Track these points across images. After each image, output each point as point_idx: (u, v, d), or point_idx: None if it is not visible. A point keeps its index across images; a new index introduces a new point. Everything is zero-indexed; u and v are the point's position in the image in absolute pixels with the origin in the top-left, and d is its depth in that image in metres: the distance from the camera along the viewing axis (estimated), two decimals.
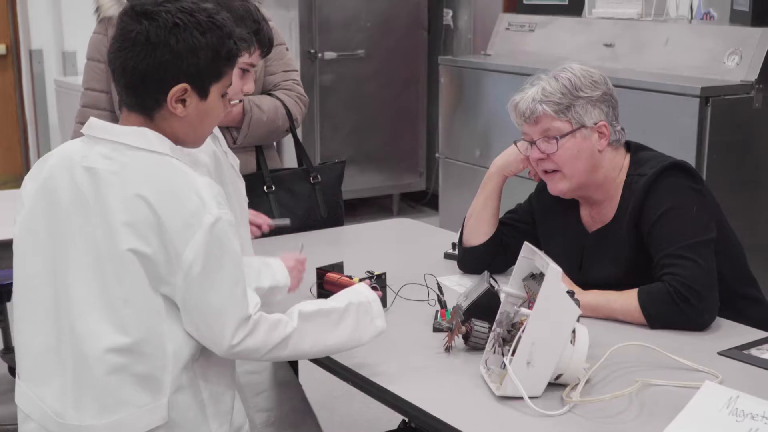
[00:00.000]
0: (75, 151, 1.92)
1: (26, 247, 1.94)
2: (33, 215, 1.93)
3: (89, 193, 1.86)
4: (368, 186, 7.00)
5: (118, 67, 1.89)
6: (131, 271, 1.82)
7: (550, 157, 2.52)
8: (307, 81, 6.42)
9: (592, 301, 2.42)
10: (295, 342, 1.95)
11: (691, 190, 2.48)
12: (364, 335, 2.08)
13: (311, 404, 2.83)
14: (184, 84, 1.88)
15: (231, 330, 1.85)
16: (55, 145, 6.79)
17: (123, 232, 1.81)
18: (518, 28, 5.58)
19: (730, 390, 1.91)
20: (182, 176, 1.86)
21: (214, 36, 1.90)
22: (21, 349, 1.96)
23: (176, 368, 1.86)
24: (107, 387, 1.84)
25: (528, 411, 1.94)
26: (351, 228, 3.50)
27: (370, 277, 2.50)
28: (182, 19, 1.86)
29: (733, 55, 4.32)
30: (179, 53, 1.86)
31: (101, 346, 1.83)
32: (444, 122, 5.83)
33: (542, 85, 2.51)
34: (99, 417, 1.85)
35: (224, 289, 1.84)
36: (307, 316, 1.98)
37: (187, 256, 1.80)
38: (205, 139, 2.03)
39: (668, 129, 4.15)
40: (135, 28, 1.86)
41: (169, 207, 1.81)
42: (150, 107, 1.90)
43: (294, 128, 3.39)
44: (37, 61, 6.77)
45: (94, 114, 3.32)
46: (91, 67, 3.34)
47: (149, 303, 1.84)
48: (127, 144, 1.88)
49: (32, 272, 1.92)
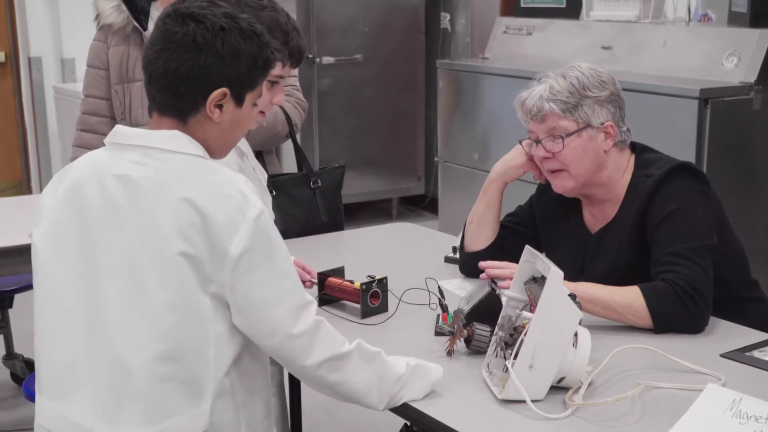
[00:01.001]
0: (102, 160, 1.90)
1: (51, 258, 1.90)
2: (58, 227, 1.90)
3: (122, 201, 1.83)
4: (367, 190, 7.00)
5: (158, 68, 1.87)
6: (180, 275, 1.79)
7: (556, 156, 2.52)
8: (306, 86, 6.43)
9: (590, 289, 2.36)
10: (353, 367, 1.93)
11: (698, 193, 2.48)
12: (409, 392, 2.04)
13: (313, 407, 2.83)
14: (225, 88, 1.88)
15: (286, 318, 1.83)
16: (54, 151, 6.80)
17: (170, 237, 1.78)
18: (516, 32, 5.59)
19: (734, 392, 1.91)
20: (220, 174, 1.85)
21: (254, 44, 1.90)
22: (44, 363, 1.92)
23: (218, 373, 1.84)
24: (152, 396, 1.81)
25: (530, 414, 1.94)
26: (351, 232, 3.50)
27: (371, 281, 2.50)
28: (227, 23, 1.86)
29: (732, 57, 4.33)
30: (223, 57, 1.86)
31: (145, 356, 1.80)
32: (442, 126, 5.84)
33: (550, 83, 2.51)
34: (143, 427, 1.81)
35: (275, 280, 1.83)
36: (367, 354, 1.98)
37: (234, 250, 1.78)
38: (231, 149, 2.02)
39: (667, 131, 4.15)
40: (180, 29, 1.85)
41: (213, 205, 1.79)
42: (186, 111, 1.89)
43: (293, 133, 3.40)
44: (36, 68, 6.77)
45: (94, 121, 3.34)
46: (92, 74, 3.35)
47: (197, 306, 1.80)
48: (159, 148, 1.86)
49: (58, 284, 1.88)
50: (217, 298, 1.82)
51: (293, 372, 1.98)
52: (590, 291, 2.35)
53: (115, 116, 3.29)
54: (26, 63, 6.78)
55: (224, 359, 1.84)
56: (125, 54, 3.28)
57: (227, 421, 1.87)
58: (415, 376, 2.03)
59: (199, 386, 1.82)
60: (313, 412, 3.99)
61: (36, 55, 6.77)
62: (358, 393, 1.96)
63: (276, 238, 1.85)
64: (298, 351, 1.87)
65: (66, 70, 6.75)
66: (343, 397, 1.97)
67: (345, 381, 1.93)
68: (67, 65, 6.74)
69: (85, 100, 3.36)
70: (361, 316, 2.48)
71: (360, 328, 2.40)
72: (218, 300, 1.82)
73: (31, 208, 4.05)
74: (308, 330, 1.87)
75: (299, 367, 1.90)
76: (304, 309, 1.87)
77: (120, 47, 3.27)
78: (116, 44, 3.28)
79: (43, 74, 6.79)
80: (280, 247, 1.85)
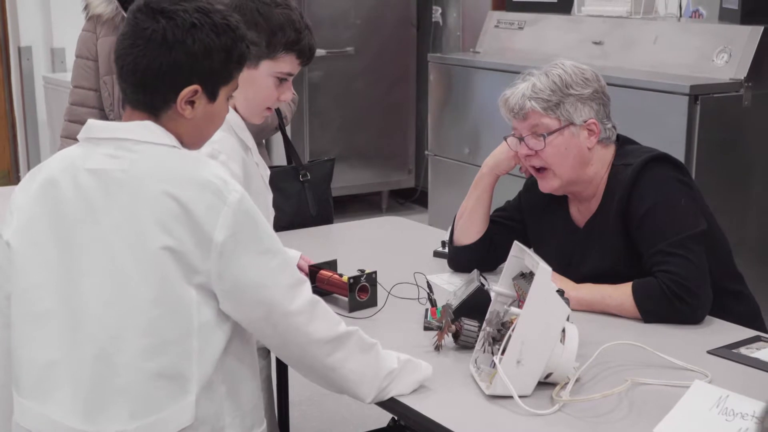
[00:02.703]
0: (75, 156, 1.87)
1: (27, 259, 1.87)
2: (32, 226, 1.87)
3: (97, 196, 1.81)
4: (357, 183, 6.99)
5: (128, 64, 1.85)
6: (162, 269, 1.77)
7: (538, 154, 2.53)
8: (296, 78, 6.37)
9: (587, 296, 2.44)
10: (350, 351, 1.93)
11: (678, 182, 2.49)
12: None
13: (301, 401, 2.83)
14: (196, 85, 1.85)
15: (282, 296, 1.83)
16: (44, 141, 6.77)
17: (151, 231, 1.77)
18: (507, 26, 5.59)
19: (720, 389, 1.92)
20: (196, 162, 1.84)
21: (228, 38, 1.87)
22: (23, 364, 1.89)
23: (204, 366, 1.82)
24: (138, 391, 1.79)
25: (518, 410, 1.94)
26: (340, 226, 3.50)
27: (360, 275, 2.50)
28: (199, 19, 1.83)
29: (723, 53, 4.33)
30: (194, 54, 1.83)
31: (129, 352, 1.78)
32: (433, 120, 5.83)
33: (533, 81, 2.51)
34: (128, 422, 1.80)
35: (264, 260, 1.82)
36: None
37: (218, 236, 1.77)
38: (206, 141, 1.99)
39: (657, 127, 4.16)
40: (150, 25, 1.82)
41: (192, 195, 1.77)
42: (158, 107, 1.87)
43: (283, 126, 3.39)
44: (25, 57, 6.75)
45: (82, 112, 3.33)
46: (80, 64, 3.34)
47: (181, 299, 1.79)
48: (132, 139, 1.84)
49: (36, 284, 1.85)
50: (202, 289, 1.80)
51: (291, 355, 1.95)
52: (587, 298, 2.43)
53: (104, 107, 3.29)
54: (16, 52, 6.76)
55: (210, 352, 1.83)
56: (114, 45, 3.26)
57: (212, 414, 1.86)
58: (405, 372, 2.03)
59: (184, 379, 1.81)
60: (301, 405, 3.99)
61: (26, 44, 6.74)
62: (350, 382, 1.96)
63: (260, 220, 1.83)
64: (299, 328, 1.87)
65: (56, 60, 6.73)
66: (334, 385, 1.97)
67: (339, 367, 1.93)
68: (57, 55, 6.72)
69: (74, 91, 3.35)
70: (349, 309, 2.48)
71: (349, 322, 2.38)
72: (204, 291, 1.81)
73: None
74: (305, 307, 1.87)
75: (299, 345, 1.89)
76: (298, 286, 1.86)
77: (109, 38, 3.26)
78: (105, 35, 3.27)
79: (32, 64, 6.76)
80: (264, 228, 1.84)
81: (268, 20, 2.33)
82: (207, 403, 1.85)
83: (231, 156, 2.31)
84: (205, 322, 1.82)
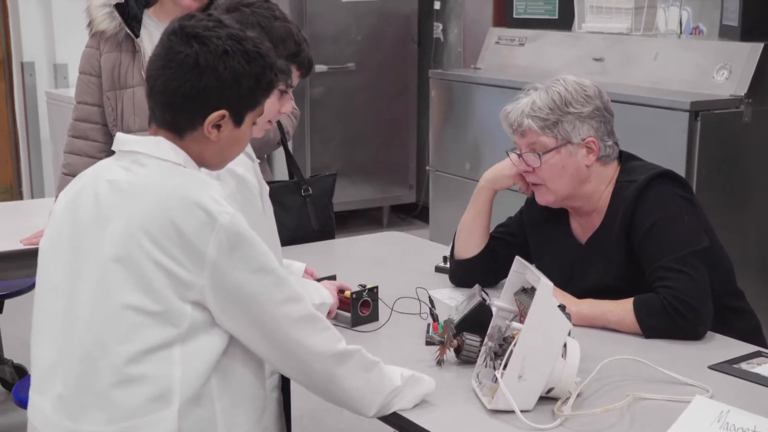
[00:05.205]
0: (103, 166, 1.95)
1: (49, 260, 1.95)
2: (58, 229, 1.94)
3: (106, 204, 1.87)
4: (358, 198, 7.00)
5: (159, 85, 1.89)
6: (149, 279, 1.80)
7: (535, 171, 2.54)
8: (298, 94, 6.43)
9: (588, 313, 2.44)
10: (352, 369, 1.95)
11: (682, 199, 2.49)
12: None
13: (302, 414, 2.82)
14: (224, 110, 1.89)
15: (280, 310, 1.85)
16: (46, 157, 6.79)
17: (141, 242, 1.80)
18: (508, 42, 5.60)
19: (721, 404, 1.93)
20: (195, 182, 1.87)
21: (257, 66, 1.90)
22: (35, 362, 1.97)
23: (191, 378, 1.84)
24: (116, 397, 1.82)
25: (519, 425, 1.94)
26: (342, 241, 3.51)
27: (362, 290, 2.51)
28: (231, 46, 1.87)
29: (723, 70, 4.35)
30: (225, 80, 1.87)
31: (110, 356, 1.82)
32: (434, 135, 5.85)
33: (533, 98, 2.52)
34: (105, 425, 1.83)
35: (259, 277, 1.84)
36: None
37: (211, 252, 1.80)
38: (228, 163, 2.03)
39: (658, 143, 4.17)
40: (184, 50, 1.86)
41: (183, 212, 1.80)
42: (183, 128, 1.91)
43: (285, 141, 3.40)
44: (28, 73, 6.77)
45: (86, 128, 3.34)
46: (84, 81, 3.35)
47: (168, 311, 1.81)
48: (144, 153, 1.89)
49: (52, 285, 1.93)
50: (194, 305, 1.83)
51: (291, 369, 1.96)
52: (588, 315, 2.44)
53: (107, 123, 3.30)
54: (19, 68, 6.78)
55: (197, 365, 1.85)
56: (117, 61, 3.28)
57: (201, 428, 1.87)
58: (407, 387, 2.04)
59: (165, 389, 1.83)
60: (302, 420, 3.98)
61: (29, 60, 6.77)
62: (352, 399, 1.98)
63: (252, 237, 1.85)
64: (299, 342, 1.88)
65: (59, 76, 6.74)
66: (337, 400, 1.99)
67: (341, 383, 1.94)
68: (59, 71, 6.74)
69: (77, 107, 3.36)
70: (351, 324, 2.49)
71: (351, 336, 2.41)
72: (195, 307, 1.83)
73: (22, 213, 4.07)
74: (303, 321, 1.88)
75: (299, 359, 1.90)
76: (294, 301, 1.88)
77: (112, 54, 3.28)
78: (108, 51, 3.28)
79: (35, 79, 6.78)
80: (258, 247, 1.85)
81: (269, 33, 2.35)
82: (194, 417, 1.86)
83: (244, 165, 2.34)
84: (191, 335, 1.84)
